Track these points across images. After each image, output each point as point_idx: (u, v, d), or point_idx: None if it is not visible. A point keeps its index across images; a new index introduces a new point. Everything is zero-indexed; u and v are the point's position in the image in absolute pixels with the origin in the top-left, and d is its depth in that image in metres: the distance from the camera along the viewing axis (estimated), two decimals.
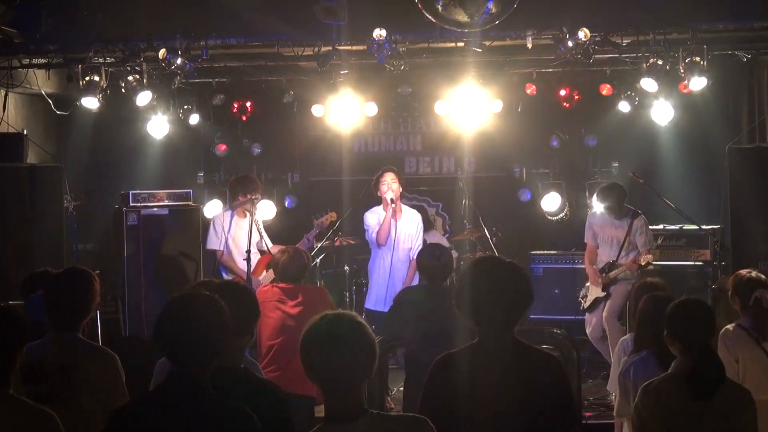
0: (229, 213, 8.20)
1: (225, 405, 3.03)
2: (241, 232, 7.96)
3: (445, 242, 9.48)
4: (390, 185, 7.89)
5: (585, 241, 8.45)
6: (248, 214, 7.83)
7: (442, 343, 4.25)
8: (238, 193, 8.10)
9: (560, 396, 3.37)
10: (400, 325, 5.80)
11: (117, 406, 4.04)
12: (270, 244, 8.07)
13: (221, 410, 3.01)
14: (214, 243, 8.10)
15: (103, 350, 4.28)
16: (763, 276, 5.07)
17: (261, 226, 8.16)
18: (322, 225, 8.40)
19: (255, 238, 8.02)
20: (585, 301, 8.29)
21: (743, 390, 3.89)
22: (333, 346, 2.88)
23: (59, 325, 4.22)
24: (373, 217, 8.06)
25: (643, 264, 7.83)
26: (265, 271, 7.93)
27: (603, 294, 8.06)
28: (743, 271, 5.15)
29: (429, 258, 6.04)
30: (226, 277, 8.13)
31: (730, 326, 4.99)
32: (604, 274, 8.06)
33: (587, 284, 8.34)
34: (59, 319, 4.22)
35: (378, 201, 8.12)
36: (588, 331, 8.26)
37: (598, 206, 8.23)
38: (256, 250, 8.05)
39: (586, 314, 8.29)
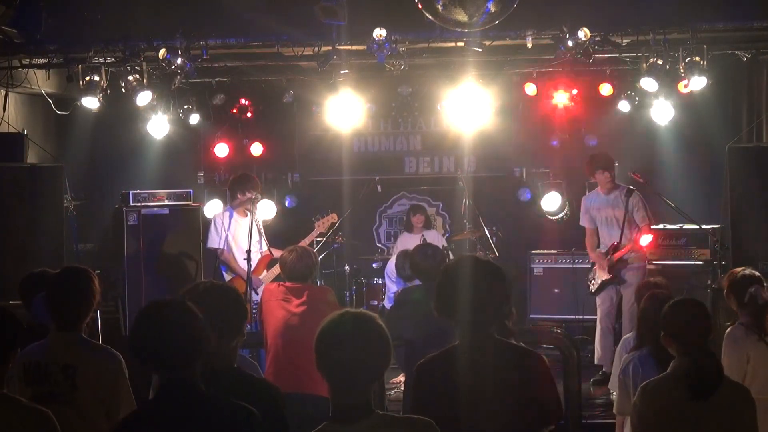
0: (228, 212, 8.22)
1: (222, 404, 3.03)
2: (241, 231, 7.97)
3: (441, 242, 9.48)
4: None
5: (581, 224, 8.50)
6: (248, 213, 7.84)
7: (442, 343, 4.23)
8: (236, 191, 8.12)
9: (543, 391, 3.39)
10: (400, 325, 5.79)
11: (121, 406, 4.05)
12: (266, 245, 8.08)
13: (220, 410, 3.01)
14: (214, 241, 8.11)
15: (107, 350, 4.26)
16: (756, 273, 5.09)
17: (261, 226, 8.17)
18: (322, 226, 8.42)
19: (255, 237, 8.03)
20: (593, 285, 8.31)
21: (742, 389, 3.90)
22: (347, 343, 2.88)
23: (61, 324, 4.21)
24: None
25: (644, 244, 7.92)
26: (265, 271, 7.94)
27: (609, 277, 8.11)
28: (737, 270, 5.18)
29: (422, 258, 6.03)
30: (226, 275, 8.14)
31: (733, 326, 4.99)
32: (608, 257, 8.09)
33: (595, 267, 8.37)
34: (61, 319, 4.21)
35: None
36: (599, 317, 8.27)
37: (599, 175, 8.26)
38: (257, 250, 8.06)
39: (596, 298, 8.32)
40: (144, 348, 3.06)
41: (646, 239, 7.99)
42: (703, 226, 8.87)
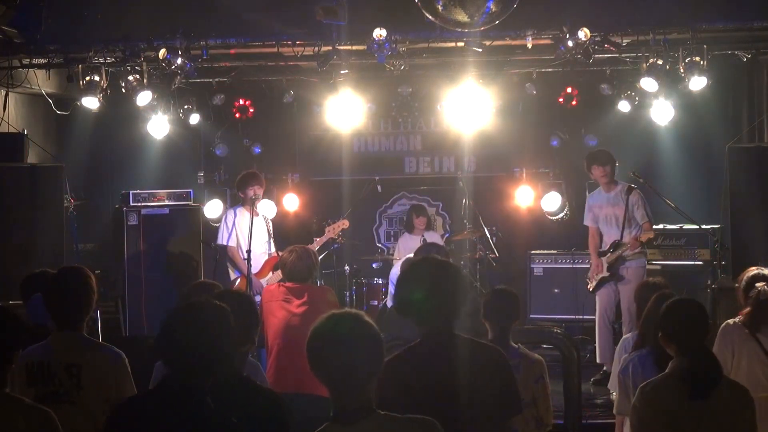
0: (233, 210, 8.27)
1: (220, 417, 3.01)
2: (246, 229, 8.00)
3: (439, 241, 9.49)
4: None
5: (585, 223, 8.51)
6: (254, 211, 7.90)
7: None
8: (238, 190, 8.21)
9: (502, 384, 3.50)
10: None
11: None
12: (274, 247, 8.12)
13: (214, 422, 3.00)
14: (222, 238, 8.19)
15: (110, 348, 4.26)
16: None
17: (270, 227, 8.22)
18: (333, 231, 8.45)
19: (264, 237, 8.08)
20: (591, 282, 8.29)
21: (741, 389, 3.90)
22: (339, 345, 2.88)
23: (62, 324, 4.21)
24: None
25: (644, 241, 7.93)
26: (271, 273, 7.95)
27: (608, 274, 8.10)
28: (751, 268, 5.25)
29: None
30: (232, 273, 8.17)
31: (731, 320, 5.04)
32: (609, 254, 8.10)
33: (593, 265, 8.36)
34: (62, 319, 4.21)
35: None
36: (597, 315, 8.26)
37: (596, 171, 8.24)
38: (265, 251, 8.10)
39: (596, 295, 8.30)
40: (174, 352, 3.01)
41: (647, 237, 7.97)
42: (703, 226, 8.87)
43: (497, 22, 6.74)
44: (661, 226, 9.41)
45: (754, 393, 3.93)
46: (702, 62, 8.18)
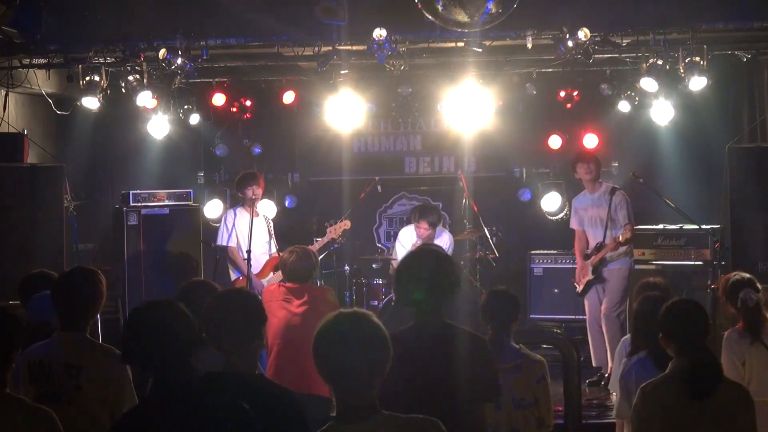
0: (233, 210, 8.29)
1: (216, 402, 3.11)
2: (245, 229, 8.01)
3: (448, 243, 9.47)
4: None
5: (571, 227, 8.49)
6: (253, 211, 7.92)
7: None
8: (237, 190, 8.24)
9: (483, 370, 3.73)
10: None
11: (125, 406, 4.07)
12: (276, 247, 8.13)
13: (215, 408, 3.09)
14: (222, 239, 8.21)
15: (111, 351, 4.24)
16: (746, 275, 5.09)
17: (271, 226, 8.23)
18: (334, 232, 8.47)
19: (264, 238, 8.08)
20: (579, 286, 8.28)
21: (741, 389, 3.91)
22: (345, 344, 2.89)
23: (67, 324, 4.21)
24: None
25: (622, 240, 7.89)
26: (272, 273, 7.95)
27: (593, 276, 8.08)
28: (727, 276, 5.21)
29: None
30: (231, 273, 8.17)
31: (732, 330, 5.00)
32: (593, 257, 8.08)
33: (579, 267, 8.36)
34: (67, 318, 4.21)
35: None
36: (587, 319, 8.24)
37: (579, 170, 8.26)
38: (266, 251, 8.10)
39: (584, 299, 8.29)
40: (138, 349, 3.21)
41: (625, 238, 7.91)
42: (703, 227, 8.86)
43: (497, 22, 6.74)
44: (661, 226, 9.41)
45: (763, 397, 3.93)
46: (702, 62, 8.18)
